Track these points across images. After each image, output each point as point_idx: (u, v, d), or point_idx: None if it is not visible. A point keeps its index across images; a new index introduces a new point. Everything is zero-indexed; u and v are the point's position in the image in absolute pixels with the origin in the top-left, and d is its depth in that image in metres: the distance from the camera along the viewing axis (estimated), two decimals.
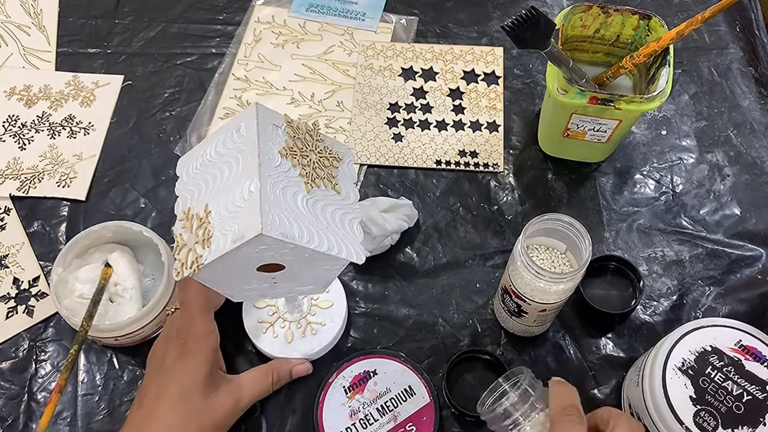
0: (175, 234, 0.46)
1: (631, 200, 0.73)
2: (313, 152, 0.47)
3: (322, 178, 0.47)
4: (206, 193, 0.46)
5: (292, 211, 0.44)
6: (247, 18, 0.85)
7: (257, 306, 0.64)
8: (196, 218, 0.45)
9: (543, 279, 0.54)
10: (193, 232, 0.45)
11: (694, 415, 0.52)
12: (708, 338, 0.55)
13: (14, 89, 0.80)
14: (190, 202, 0.47)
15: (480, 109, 0.78)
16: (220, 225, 0.44)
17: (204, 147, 0.48)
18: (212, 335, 0.56)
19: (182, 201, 0.47)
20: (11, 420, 0.62)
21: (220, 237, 0.43)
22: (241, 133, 0.46)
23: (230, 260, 0.43)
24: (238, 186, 0.44)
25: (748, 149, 0.76)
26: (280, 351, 0.62)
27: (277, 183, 0.44)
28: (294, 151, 0.46)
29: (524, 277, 0.56)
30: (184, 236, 0.46)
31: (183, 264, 0.45)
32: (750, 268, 0.69)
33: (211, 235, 0.43)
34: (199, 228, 0.44)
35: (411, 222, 0.69)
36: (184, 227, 0.46)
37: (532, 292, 0.57)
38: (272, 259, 0.45)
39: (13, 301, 0.68)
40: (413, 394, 0.61)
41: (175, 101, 0.80)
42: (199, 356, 0.54)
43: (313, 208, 0.45)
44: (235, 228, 0.42)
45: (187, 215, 0.46)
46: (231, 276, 0.48)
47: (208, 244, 0.43)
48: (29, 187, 0.73)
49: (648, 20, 0.66)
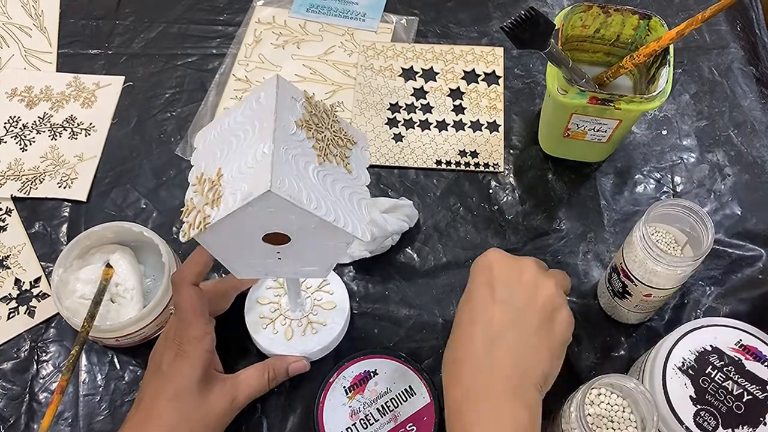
0: (186, 200, 0.46)
1: (632, 200, 0.73)
2: (328, 130, 0.48)
3: (335, 155, 0.47)
4: (220, 159, 0.46)
5: (303, 177, 0.44)
6: (247, 19, 0.85)
7: (260, 302, 0.64)
8: (208, 182, 0.45)
9: (662, 262, 0.56)
10: (204, 195, 0.45)
11: (695, 415, 0.52)
12: (708, 338, 0.55)
13: (15, 90, 0.80)
14: (203, 168, 0.47)
15: (480, 109, 0.78)
16: (230, 186, 0.43)
17: (223, 118, 0.48)
18: (207, 337, 0.56)
19: (196, 168, 0.47)
20: (13, 420, 0.63)
21: (230, 197, 0.43)
22: (260, 101, 0.46)
23: (237, 222, 0.43)
24: (251, 149, 0.44)
25: (749, 149, 0.76)
26: (279, 348, 0.62)
27: (290, 149, 0.44)
28: (310, 124, 0.46)
29: (638, 256, 0.57)
30: (195, 200, 0.45)
31: (191, 225, 0.45)
32: (751, 268, 0.69)
33: (221, 195, 0.43)
34: (210, 190, 0.44)
35: (411, 222, 0.69)
36: (196, 191, 0.46)
37: (643, 274, 0.58)
38: (278, 226, 0.45)
39: (14, 302, 0.68)
40: (413, 395, 0.61)
41: (175, 102, 0.80)
42: (194, 358, 0.55)
43: (323, 181, 0.45)
44: (244, 187, 0.42)
45: (199, 180, 0.46)
46: (236, 244, 0.47)
47: (217, 204, 0.43)
48: (30, 188, 0.74)
49: (648, 20, 0.66)
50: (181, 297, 0.56)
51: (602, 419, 0.53)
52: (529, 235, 0.71)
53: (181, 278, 0.56)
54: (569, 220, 0.72)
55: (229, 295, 0.63)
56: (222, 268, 0.69)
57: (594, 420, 0.53)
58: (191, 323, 0.55)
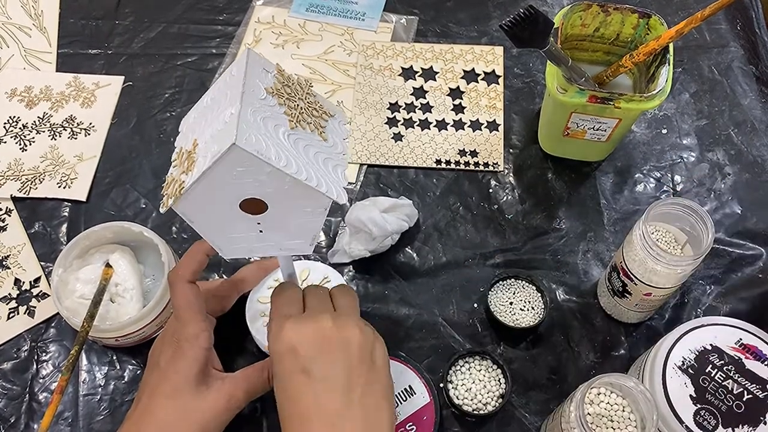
0: (167, 177, 0.46)
1: (632, 199, 0.73)
2: (302, 100, 0.47)
3: (308, 123, 0.47)
4: (197, 132, 0.46)
5: (272, 137, 0.43)
6: (247, 18, 0.85)
7: (260, 301, 0.64)
8: (185, 152, 0.45)
9: (662, 261, 0.56)
10: (181, 165, 0.45)
11: (695, 414, 0.52)
12: (708, 337, 0.55)
13: (15, 90, 0.80)
14: (182, 143, 0.47)
15: (480, 108, 0.78)
16: (203, 151, 0.44)
17: (202, 98, 0.48)
18: (204, 334, 0.56)
19: (177, 147, 0.47)
20: (13, 420, 0.63)
21: (201, 160, 0.43)
22: (232, 74, 0.46)
23: (210, 186, 0.43)
24: (221, 115, 0.44)
25: (749, 148, 0.76)
26: None
27: (259, 111, 0.44)
28: (281, 93, 0.46)
29: (638, 256, 0.57)
30: (173, 172, 0.46)
31: (168, 196, 0.45)
32: (751, 267, 0.69)
33: (195, 161, 0.44)
34: (186, 160, 0.45)
35: (411, 222, 0.69)
36: (175, 166, 0.46)
37: (643, 273, 0.58)
38: (252, 189, 0.45)
39: (14, 302, 0.68)
40: (413, 394, 0.61)
41: (175, 102, 0.80)
42: (191, 356, 0.55)
43: (295, 144, 0.45)
44: (214, 148, 0.42)
45: (179, 154, 0.46)
46: (214, 214, 0.47)
47: (190, 169, 0.43)
48: (30, 188, 0.74)
49: (648, 19, 0.66)
50: (177, 295, 0.56)
51: (602, 418, 0.53)
52: (529, 234, 0.71)
53: (176, 276, 0.56)
54: (569, 219, 0.72)
55: (231, 297, 0.63)
56: (222, 268, 0.69)
57: (594, 419, 0.53)
58: (188, 321, 0.55)
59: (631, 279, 0.59)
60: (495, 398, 0.61)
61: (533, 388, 0.63)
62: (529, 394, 0.63)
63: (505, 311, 0.65)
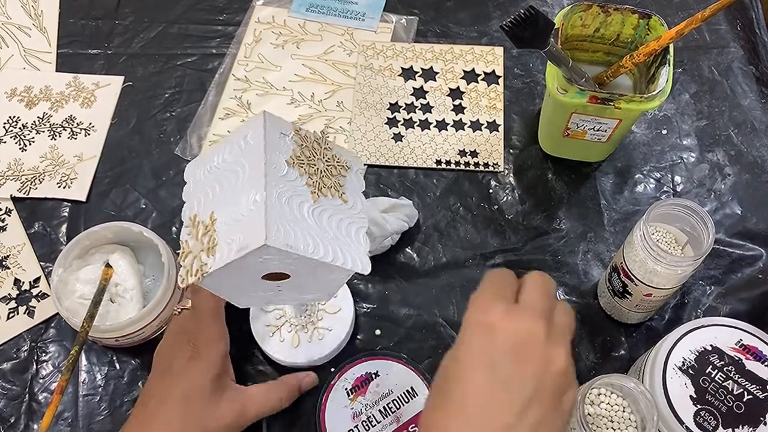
0: (181, 241, 0.46)
1: (632, 200, 0.73)
2: (321, 161, 0.47)
3: (329, 187, 0.47)
4: (212, 201, 0.46)
5: (298, 221, 0.43)
6: (247, 18, 0.85)
7: (265, 310, 0.64)
8: (201, 225, 0.45)
9: (662, 262, 0.55)
10: (199, 239, 0.45)
11: (695, 415, 0.52)
12: (708, 337, 0.55)
13: (15, 90, 0.80)
14: (196, 209, 0.47)
15: (480, 108, 0.78)
16: (225, 234, 0.43)
17: (211, 154, 0.48)
18: (223, 340, 0.55)
19: (188, 207, 0.47)
20: (12, 421, 0.63)
21: (225, 246, 0.43)
22: (248, 141, 0.45)
23: (234, 269, 0.43)
24: (243, 195, 0.44)
25: (749, 148, 0.76)
26: (286, 355, 0.62)
27: (283, 193, 0.44)
28: (301, 159, 0.46)
29: (639, 256, 0.57)
30: (190, 243, 0.46)
31: (188, 271, 0.45)
32: (751, 268, 0.69)
33: (216, 243, 0.43)
34: (204, 235, 0.44)
35: (411, 222, 0.69)
36: (190, 234, 0.46)
37: (644, 274, 0.58)
38: (277, 268, 0.45)
39: (14, 302, 0.68)
40: (415, 395, 0.61)
41: (175, 102, 0.80)
42: (208, 360, 0.54)
43: (320, 218, 0.45)
44: (239, 237, 0.42)
45: (193, 222, 0.46)
46: (236, 284, 0.48)
47: (212, 252, 0.43)
48: (30, 188, 0.73)
49: (648, 19, 0.66)
50: (202, 298, 0.55)
51: (602, 419, 0.53)
52: (529, 234, 0.71)
53: None
54: (569, 219, 0.72)
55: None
56: None
57: (594, 420, 0.53)
58: (209, 325, 0.55)
59: (631, 279, 0.59)
60: None
61: None
62: None
63: None
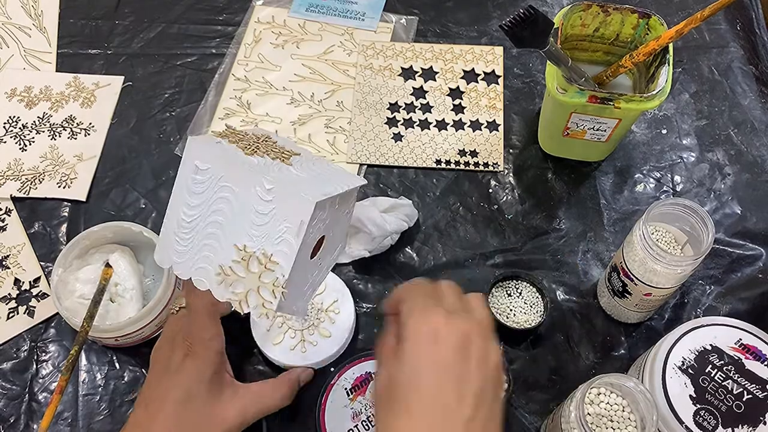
0: (222, 266, 0.45)
1: (632, 199, 0.73)
2: (258, 144, 0.49)
3: (285, 153, 0.49)
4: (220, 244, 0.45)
5: (301, 180, 0.45)
6: (247, 18, 0.85)
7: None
8: (229, 267, 0.44)
9: (662, 261, 0.56)
10: (247, 273, 0.44)
11: (694, 414, 0.52)
12: (708, 337, 0.55)
13: (15, 90, 0.80)
14: (216, 260, 0.45)
15: (480, 108, 0.78)
16: (271, 240, 0.43)
17: (169, 225, 0.47)
18: (218, 338, 0.55)
19: (203, 273, 0.46)
20: (12, 420, 0.63)
21: (275, 248, 0.43)
22: (201, 169, 0.45)
23: (301, 257, 0.44)
24: (248, 207, 0.44)
25: (749, 148, 0.76)
26: (287, 358, 0.62)
27: (272, 171, 0.44)
28: (247, 146, 0.47)
29: (638, 256, 0.57)
30: (239, 288, 0.45)
31: (262, 305, 0.44)
32: (751, 267, 0.69)
33: (267, 255, 0.43)
34: (248, 266, 0.44)
35: (411, 222, 0.69)
36: (224, 281, 0.45)
37: (643, 273, 0.58)
38: (319, 232, 0.46)
39: (14, 302, 0.68)
40: None
41: (175, 102, 0.80)
42: (204, 359, 0.54)
43: (307, 171, 0.47)
44: (285, 226, 0.43)
45: (224, 270, 0.45)
46: (298, 280, 0.47)
47: (268, 267, 0.43)
48: (30, 188, 0.74)
49: (647, 19, 0.66)
50: (196, 297, 0.55)
51: (602, 419, 0.53)
52: (529, 234, 0.71)
53: None
54: (569, 219, 0.72)
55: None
56: None
57: (593, 419, 0.53)
58: (204, 324, 0.54)
59: (631, 279, 0.59)
60: None
61: (533, 388, 0.63)
62: (529, 394, 0.63)
63: (505, 312, 0.65)
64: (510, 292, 0.66)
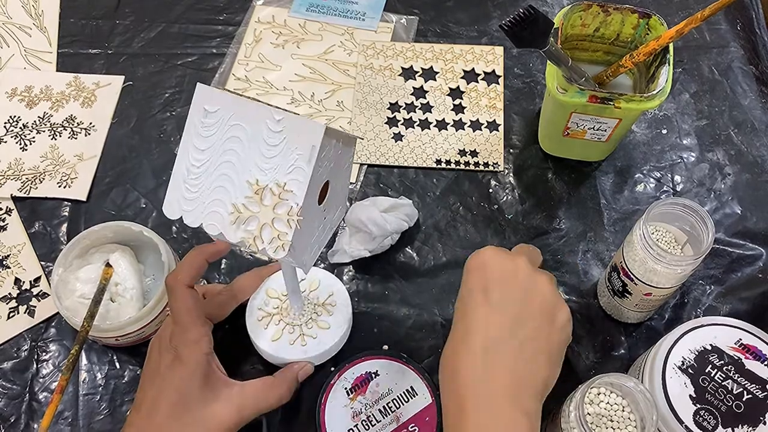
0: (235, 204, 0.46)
1: (632, 199, 0.73)
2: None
3: None
4: (238, 177, 0.45)
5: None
6: (247, 18, 0.85)
7: (260, 308, 0.64)
8: (243, 204, 0.45)
9: (662, 261, 0.56)
10: (260, 207, 0.45)
11: (694, 414, 0.52)
12: (708, 337, 0.55)
13: (15, 90, 0.80)
14: (229, 199, 0.46)
15: (480, 108, 0.78)
16: (282, 173, 0.44)
17: (178, 175, 0.47)
18: (204, 339, 0.54)
19: (214, 217, 0.46)
20: (13, 420, 0.63)
21: (287, 177, 0.44)
22: (210, 112, 0.46)
23: (311, 190, 0.45)
24: (258, 141, 0.44)
25: (749, 148, 0.76)
26: (282, 354, 0.62)
27: (277, 109, 0.45)
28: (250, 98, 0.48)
29: (638, 255, 0.57)
30: (254, 226, 0.45)
31: (277, 238, 0.44)
32: (751, 267, 0.69)
33: (279, 185, 0.44)
34: (260, 199, 0.45)
35: (411, 221, 0.69)
36: (237, 219, 0.45)
37: (644, 273, 0.58)
38: (326, 172, 0.46)
39: (14, 302, 0.68)
40: (415, 395, 0.61)
41: (175, 101, 0.80)
42: (192, 362, 0.53)
43: None
44: (298, 154, 0.43)
45: (237, 209, 0.45)
46: (306, 227, 0.47)
47: (284, 195, 0.44)
48: (30, 187, 0.74)
49: (648, 19, 0.66)
50: (177, 300, 0.54)
51: (602, 418, 0.53)
52: (529, 234, 0.71)
53: (176, 281, 0.55)
54: (569, 219, 0.72)
55: (230, 304, 0.62)
56: (222, 268, 0.69)
57: (593, 419, 0.53)
58: (187, 327, 0.54)
59: (631, 279, 0.59)
60: None
61: None
62: None
63: None
64: None
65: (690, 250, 0.61)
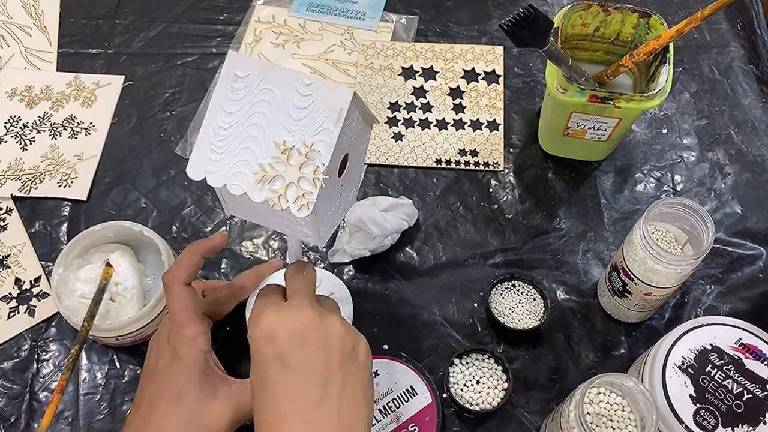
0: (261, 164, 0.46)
1: (632, 199, 0.73)
2: None
3: None
4: (265, 139, 0.46)
5: None
6: (247, 18, 0.85)
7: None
8: (270, 165, 0.45)
9: (662, 261, 0.56)
10: (286, 167, 0.45)
11: (694, 414, 0.52)
12: (708, 336, 0.55)
13: (16, 90, 0.80)
14: (255, 160, 0.46)
15: (480, 108, 0.78)
16: (309, 134, 0.45)
17: (204, 137, 0.47)
18: (201, 337, 0.54)
19: (239, 177, 0.46)
20: (13, 419, 0.63)
21: (315, 138, 0.44)
22: (240, 77, 0.46)
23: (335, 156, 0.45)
24: (287, 104, 0.45)
25: (749, 147, 0.76)
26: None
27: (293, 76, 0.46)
28: None
29: (638, 255, 0.57)
30: (279, 184, 0.45)
31: (301, 197, 0.45)
32: (751, 267, 0.69)
33: (307, 145, 0.45)
34: (287, 159, 0.45)
35: (411, 221, 0.69)
36: (263, 178, 0.46)
37: (644, 273, 0.58)
38: (347, 144, 0.47)
39: (14, 301, 0.68)
40: (415, 395, 0.61)
41: (175, 101, 0.80)
42: (190, 359, 0.53)
43: None
44: (321, 119, 0.44)
45: (263, 168, 0.46)
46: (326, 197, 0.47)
47: (311, 154, 0.45)
48: (31, 187, 0.74)
49: (648, 18, 0.66)
50: (174, 298, 0.54)
51: (601, 418, 0.53)
52: (529, 234, 0.71)
53: (172, 278, 0.54)
54: (569, 218, 0.72)
55: (230, 303, 0.62)
56: (222, 268, 0.69)
57: (593, 419, 0.53)
58: (184, 324, 0.54)
59: (631, 278, 0.59)
60: (497, 394, 0.61)
61: (533, 388, 0.63)
62: (529, 394, 0.63)
63: (505, 313, 0.65)
64: (510, 293, 0.66)
65: (690, 250, 0.61)
